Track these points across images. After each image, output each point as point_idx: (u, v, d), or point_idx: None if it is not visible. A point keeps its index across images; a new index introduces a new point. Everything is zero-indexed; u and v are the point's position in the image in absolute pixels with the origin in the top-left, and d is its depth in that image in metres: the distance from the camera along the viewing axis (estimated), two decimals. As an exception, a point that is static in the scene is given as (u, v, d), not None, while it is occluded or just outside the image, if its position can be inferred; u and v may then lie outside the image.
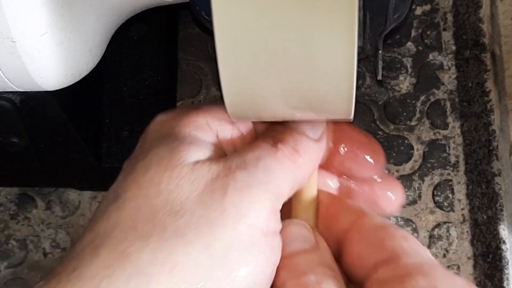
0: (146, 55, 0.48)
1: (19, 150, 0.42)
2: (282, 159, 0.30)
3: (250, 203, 0.28)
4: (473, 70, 0.50)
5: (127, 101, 0.47)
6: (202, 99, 0.52)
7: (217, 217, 0.27)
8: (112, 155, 0.46)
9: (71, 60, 0.34)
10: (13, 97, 0.37)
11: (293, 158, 0.30)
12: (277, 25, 0.26)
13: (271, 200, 0.29)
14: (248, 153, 0.30)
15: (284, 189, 0.30)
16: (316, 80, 0.28)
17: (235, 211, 0.27)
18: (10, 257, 0.49)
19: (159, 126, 0.32)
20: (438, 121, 0.51)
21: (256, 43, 0.27)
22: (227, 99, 0.29)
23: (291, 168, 0.30)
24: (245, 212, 0.27)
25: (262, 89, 0.29)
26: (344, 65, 0.27)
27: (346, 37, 0.26)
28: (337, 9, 0.26)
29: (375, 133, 0.51)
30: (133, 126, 0.47)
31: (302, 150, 0.30)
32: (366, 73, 0.52)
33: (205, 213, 0.27)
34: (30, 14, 0.30)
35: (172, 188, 0.28)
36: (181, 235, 0.26)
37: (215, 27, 0.27)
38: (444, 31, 0.53)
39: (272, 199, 0.29)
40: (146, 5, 0.37)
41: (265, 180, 0.29)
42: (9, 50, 0.31)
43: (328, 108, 0.30)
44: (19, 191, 0.51)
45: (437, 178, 0.50)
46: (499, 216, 0.47)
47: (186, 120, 0.31)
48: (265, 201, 0.28)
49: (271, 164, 0.29)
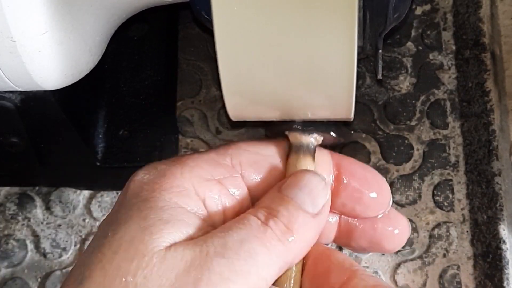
0: (146, 55, 0.48)
1: (19, 150, 0.42)
2: (271, 241, 0.27)
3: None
4: (473, 70, 0.50)
5: (127, 101, 0.47)
6: (202, 99, 0.52)
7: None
8: (112, 155, 0.46)
9: (71, 60, 0.34)
10: (13, 97, 0.37)
11: (284, 239, 0.27)
12: (277, 25, 0.26)
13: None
14: (232, 233, 0.27)
15: (268, 276, 0.27)
16: (316, 80, 0.28)
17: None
18: (10, 257, 0.49)
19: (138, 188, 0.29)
20: (438, 121, 0.51)
21: (256, 43, 0.27)
22: (227, 99, 0.29)
23: (280, 251, 0.27)
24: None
25: (262, 89, 0.29)
26: (344, 65, 0.27)
27: (346, 37, 0.26)
28: (337, 9, 0.26)
29: (375, 133, 0.51)
30: (133, 126, 0.47)
31: (296, 228, 0.28)
32: (366, 73, 0.52)
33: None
34: (30, 14, 0.30)
35: (139, 281, 0.25)
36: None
37: (215, 27, 0.27)
38: (444, 31, 0.53)
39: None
40: (146, 5, 0.37)
41: (246, 271, 0.26)
42: (9, 49, 0.31)
43: (328, 108, 0.30)
44: (19, 191, 0.51)
45: (437, 178, 0.50)
46: (499, 216, 0.47)
47: (168, 184, 0.28)
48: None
49: (256, 248, 0.26)
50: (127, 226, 0.27)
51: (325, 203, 0.29)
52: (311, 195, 0.29)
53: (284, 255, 0.27)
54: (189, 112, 0.52)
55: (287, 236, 0.27)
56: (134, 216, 0.27)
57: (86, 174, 0.48)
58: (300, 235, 0.28)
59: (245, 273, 0.26)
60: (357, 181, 0.31)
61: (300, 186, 0.29)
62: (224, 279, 0.25)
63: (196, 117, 0.51)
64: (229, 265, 0.26)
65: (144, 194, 0.28)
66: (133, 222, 0.27)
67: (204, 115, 0.51)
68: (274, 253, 0.27)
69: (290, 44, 0.27)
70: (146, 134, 0.46)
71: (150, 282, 0.25)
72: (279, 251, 0.27)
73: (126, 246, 0.26)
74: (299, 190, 0.29)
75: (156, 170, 0.29)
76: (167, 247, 0.26)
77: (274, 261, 0.27)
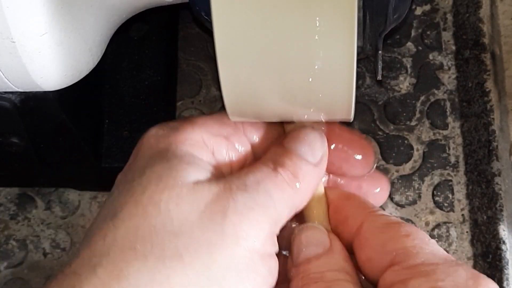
0: (146, 55, 0.48)
1: (19, 150, 0.42)
2: (282, 184, 0.30)
3: (249, 226, 0.28)
4: (473, 70, 0.50)
5: (127, 101, 0.47)
6: (202, 99, 0.52)
7: (216, 239, 0.27)
8: (112, 155, 0.46)
9: (71, 60, 0.34)
10: (13, 97, 0.37)
11: (292, 184, 0.30)
12: (277, 25, 0.26)
13: (269, 224, 0.29)
14: (249, 175, 0.30)
15: (282, 213, 0.30)
16: (315, 80, 0.28)
17: (234, 234, 0.27)
18: (10, 257, 0.49)
19: (153, 141, 0.31)
20: (438, 121, 0.51)
21: (256, 43, 0.27)
22: (226, 99, 0.29)
23: (290, 194, 0.30)
24: (244, 236, 0.27)
25: (261, 89, 0.29)
26: (344, 65, 0.27)
27: (346, 37, 0.26)
28: (337, 9, 0.26)
29: (375, 133, 0.51)
30: (133, 126, 0.47)
31: (301, 175, 0.30)
32: (366, 73, 0.52)
33: (204, 234, 0.27)
34: (30, 14, 0.30)
35: (171, 207, 0.27)
36: (180, 256, 0.26)
37: (214, 27, 0.27)
38: (444, 31, 0.53)
39: (271, 223, 0.29)
40: (146, 5, 0.37)
41: (265, 204, 0.29)
42: (9, 50, 0.31)
43: (328, 108, 0.30)
44: (19, 191, 0.51)
45: (437, 178, 0.50)
46: (499, 216, 0.47)
47: (182, 137, 0.31)
48: (264, 225, 0.28)
49: (271, 188, 0.29)
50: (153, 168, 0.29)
51: (323, 154, 0.32)
52: (310, 147, 0.31)
53: (293, 198, 0.30)
54: (189, 112, 0.52)
55: (294, 182, 0.30)
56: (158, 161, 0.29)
57: (86, 174, 0.48)
58: (305, 182, 0.30)
59: (264, 206, 0.29)
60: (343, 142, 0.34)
61: (301, 140, 0.32)
62: (248, 208, 0.28)
63: (196, 117, 0.51)
64: (250, 198, 0.28)
65: (161, 146, 0.30)
66: (157, 164, 0.29)
67: (204, 115, 0.51)
68: (286, 194, 0.30)
69: (289, 44, 0.27)
70: (146, 134, 0.46)
71: (182, 209, 0.27)
72: (289, 193, 0.30)
73: (156, 181, 0.28)
74: (300, 143, 0.31)
75: (168, 126, 0.32)
76: (194, 182, 0.28)
77: (286, 201, 0.30)
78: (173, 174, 0.28)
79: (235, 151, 0.32)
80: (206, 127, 0.32)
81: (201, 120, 0.32)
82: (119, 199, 0.29)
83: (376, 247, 0.30)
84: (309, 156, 0.31)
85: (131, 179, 0.29)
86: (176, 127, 0.31)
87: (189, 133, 0.31)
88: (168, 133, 0.31)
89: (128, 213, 0.27)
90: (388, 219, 0.31)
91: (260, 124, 0.33)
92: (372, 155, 0.35)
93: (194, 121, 0.32)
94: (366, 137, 0.35)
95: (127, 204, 0.28)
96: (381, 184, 0.35)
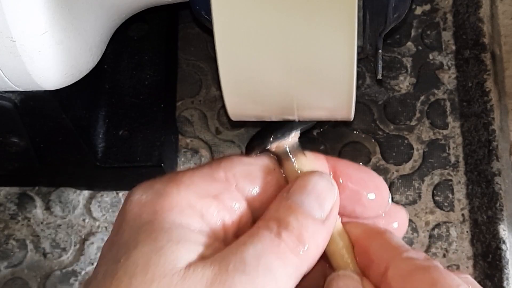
0: (146, 55, 0.48)
1: (19, 150, 0.42)
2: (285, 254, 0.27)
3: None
4: (473, 70, 0.50)
5: (127, 101, 0.47)
6: (202, 99, 0.52)
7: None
8: (112, 155, 0.46)
9: (71, 60, 0.34)
10: (13, 97, 0.37)
11: (297, 251, 0.28)
12: (277, 25, 0.26)
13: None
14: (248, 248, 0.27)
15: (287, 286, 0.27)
16: (316, 80, 0.28)
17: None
18: (10, 257, 0.49)
19: (137, 210, 0.29)
20: (438, 121, 0.51)
21: (256, 43, 0.27)
22: (227, 98, 0.29)
23: (295, 263, 0.28)
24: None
25: (261, 89, 0.29)
26: (344, 64, 0.27)
27: (346, 37, 0.26)
28: (337, 9, 0.26)
29: (375, 133, 0.51)
30: (133, 126, 0.47)
31: (308, 238, 0.28)
32: (366, 73, 0.52)
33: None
34: (30, 14, 0.30)
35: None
36: None
37: (215, 27, 0.27)
38: (444, 31, 0.53)
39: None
40: (146, 5, 0.37)
41: (265, 284, 0.26)
42: (9, 49, 0.31)
43: (328, 108, 0.30)
44: (19, 191, 0.51)
45: (437, 178, 0.50)
46: (499, 216, 0.47)
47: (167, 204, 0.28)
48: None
49: (273, 263, 0.27)
50: (139, 249, 0.27)
51: (333, 205, 0.29)
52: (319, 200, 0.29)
53: (299, 266, 0.28)
54: (189, 112, 0.52)
55: (300, 248, 0.28)
56: (143, 239, 0.27)
57: (86, 174, 0.48)
58: (312, 244, 0.28)
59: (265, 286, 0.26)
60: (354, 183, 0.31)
61: (308, 191, 0.29)
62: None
63: (196, 117, 0.51)
64: (249, 281, 0.26)
65: (146, 216, 0.28)
66: (144, 245, 0.27)
67: (204, 115, 0.51)
68: (290, 266, 0.27)
69: (290, 44, 0.27)
70: (146, 134, 0.46)
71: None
72: (294, 263, 0.27)
73: (143, 270, 0.26)
74: (306, 195, 0.29)
75: (152, 189, 0.29)
76: (185, 267, 0.26)
77: (291, 273, 0.27)
78: (161, 260, 0.26)
79: (227, 210, 0.30)
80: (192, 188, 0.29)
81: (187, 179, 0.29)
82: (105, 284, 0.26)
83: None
84: (316, 211, 0.29)
85: (116, 258, 0.27)
86: (160, 192, 0.29)
87: (174, 198, 0.28)
88: (152, 200, 0.29)
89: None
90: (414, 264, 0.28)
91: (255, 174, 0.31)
92: (386, 191, 0.32)
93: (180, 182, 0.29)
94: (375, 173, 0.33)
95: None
96: (399, 218, 0.33)
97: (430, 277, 0.27)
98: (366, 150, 0.50)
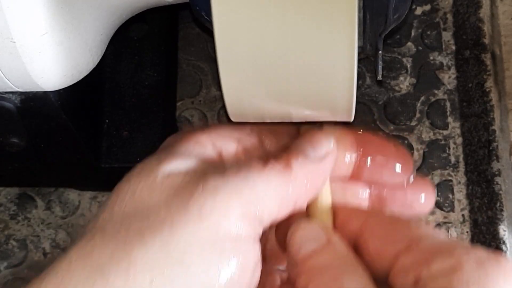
0: (146, 55, 0.48)
1: (19, 150, 0.42)
2: (269, 173, 0.29)
3: (214, 204, 0.28)
4: (473, 70, 0.50)
5: (127, 101, 0.47)
6: (202, 99, 0.52)
7: (179, 217, 0.27)
8: (112, 155, 0.46)
9: (71, 60, 0.34)
10: (13, 97, 0.37)
11: (283, 172, 0.29)
12: (277, 25, 0.26)
13: (241, 205, 0.28)
14: (232, 167, 0.29)
15: (265, 199, 0.29)
16: (316, 81, 0.28)
17: (198, 211, 0.27)
18: (10, 257, 0.49)
19: (166, 142, 0.33)
20: (438, 121, 0.51)
21: (256, 43, 0.27)
22: (227, 99, 0.29)
23: (279, 182, 0.29)
24: (207, 213, 0.27)
25: (262, 90, 0.29)
26: (345, 65, 0.27)
27: (346, 37, 0.26)
28: (337, 9, 0.26)
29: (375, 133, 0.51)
30: (133, 126, 0.46)
31: (295, 168, 0.30)
32: (366, 73, 0.52)
33: (168, 214, 0.28)
34: (30, 14, 0.30)
35: (144, 196, 0.29)
36: (141, 235, 0.27)
37: (215, 27, 0.27)
38: (444, 31, 0.53)
39: (245, 205, 0.28)
40: (146, 5, 0.37)
41: (240, 186, 0.28)
42: (9, 50, 0.31)
43: (328, 108, 0.30)
44: (19, 191, 0.51)
45: (437, 178, 0.50)
46: (499, 216, 0.47)
47: (189, 137, 0.31)
48: (234, 205, 0.28)
49: (252, 175, 0.29)
50: (143, 163, 0.30)
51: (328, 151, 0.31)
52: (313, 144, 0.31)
53: (282, 188, 0.29)
54: (189, 112, 0.52)
55: (285, 172, 0.29)
56: (152, 155, 0.31)
57: (86, 174, 0.48)
58: (301, 175, 0.30)
59: (238, 188, 0.28)
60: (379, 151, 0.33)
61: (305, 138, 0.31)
62: (218, 188, 0.28)
63: (196, 117, 0.51)
64: (223, 180, 0.28)
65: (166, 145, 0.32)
66: (147, 160, 0.31)
67: (204, 115, 0.51)
68: (272, 183, 0.29)
69: (290, 44, 0.27)
70: (146, 134, 0.46)
71: (153, 196, 0.28)
72: (276, 182, 0.29)
73: (138, 171, 0.30)
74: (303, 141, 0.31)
75: (186, 130, 0.33)
76: (172, 170, 0.29)
77: (272, 190, 0.29)
78: (153, 165, 0.30)
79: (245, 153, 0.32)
80: (217, 130, 0.32)
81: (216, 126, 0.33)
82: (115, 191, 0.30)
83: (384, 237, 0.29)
84: (310, 151, 0.30)
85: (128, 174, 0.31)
86: (189, 131, 0.32)
87: (197, 135, 0.32)
88: (181, 135, 0.32)
89: (110, 203, 0.29)
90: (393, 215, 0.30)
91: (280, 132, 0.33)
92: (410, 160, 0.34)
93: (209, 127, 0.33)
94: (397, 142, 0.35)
95: (112, 195, 0.30)
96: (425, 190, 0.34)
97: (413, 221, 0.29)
98: (366, 150, 0.50)
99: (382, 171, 0.33)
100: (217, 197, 0.28)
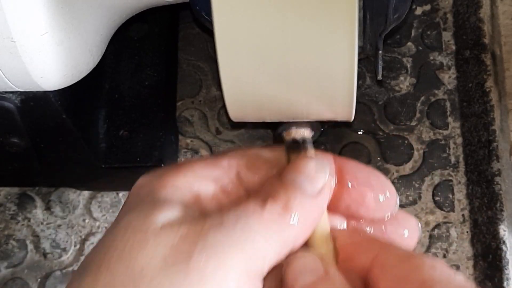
0: (146, 55, 0.48)
1: (19, 150, 0.42)
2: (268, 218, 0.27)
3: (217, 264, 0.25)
4: (473, 70, 0.50)
5: (127, 101, 0.47)
6: (202, 99, 0.52)
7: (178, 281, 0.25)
8: (112, 155, 0.46)
9: (71, 60, 0.34)
10: (13, 97, 0.37)
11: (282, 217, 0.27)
12: (277, 25, 0.26)
13: (245, 262, 0.26)
14: (229, 211, 0.27)
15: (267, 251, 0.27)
16: (316, 81, 0.28)
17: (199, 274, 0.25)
18: (10, 257, 0.49)
19: (138, 189, 0.30)
20: (438, 121, 0.51)
21: (256, 43, 0.27)
22: (227, 99, 0.29)
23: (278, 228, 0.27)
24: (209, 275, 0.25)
25: (262, 90, 0.29)
26: (345, 65, 0.27)
27: (346, 37, 0.26)
28: (337, 9, 0.26)
29: (375, 133, 0.51)
30: (133, 126, 0.47)
31: (295, 208, 0.28)
32: (366, 73, 0.52)
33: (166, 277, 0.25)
34: (30, 14, 0.30)
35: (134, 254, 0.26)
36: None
37: (215, 27, 0.27)
38: (444, 31, 0.53)
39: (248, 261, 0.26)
40: (146, 5, 0.37)
41: (241, 240, 0.26)
42: (9, 50, 0.31)
43: (328, 108, 0.30)
44: (19, 191, 0.51)
45: (437, 178, 0.50)
46: (499, 216, 0.47)
47: (164, 182, 0.29)
48: (237, 263, 0.26)
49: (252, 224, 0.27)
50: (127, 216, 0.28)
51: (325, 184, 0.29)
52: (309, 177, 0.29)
53: (283, 233, 0.27)
54: (189, 112, 0.52)
55: (285, 215, 0.27)
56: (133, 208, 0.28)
57: (86, 174, 0.48)
58: (299, 215, 0.28)
59: (240, 242, 0.26)
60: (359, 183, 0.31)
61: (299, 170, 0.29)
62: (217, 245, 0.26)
63: (196, 117, 0.51)
64: (224, 236, 0.26)
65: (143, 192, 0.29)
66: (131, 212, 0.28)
67: (204, 115, 0.51)
68: (272, 230, 0.27)
69: (290, 45, 0.27)
70: (146, 134, 0.46)
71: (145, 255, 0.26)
72: (277, 228, 0.27)
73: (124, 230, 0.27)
74: (298, 174, 0.29)
75: (155, 173, 0.30)
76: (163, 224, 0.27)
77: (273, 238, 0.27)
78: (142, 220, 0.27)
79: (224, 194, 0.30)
80: (192, 170, 0.30)
81: (189, 163, 0.30)
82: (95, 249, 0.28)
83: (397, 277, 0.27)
84: (307, 186, 0.28)
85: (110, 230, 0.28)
86: (161, 174, 0.30)
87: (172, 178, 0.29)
88: (153, 179, 0.30)
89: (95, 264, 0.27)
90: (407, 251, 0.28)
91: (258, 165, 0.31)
92: (393, 192, 0.31)
93: (181, 165, 0.30)
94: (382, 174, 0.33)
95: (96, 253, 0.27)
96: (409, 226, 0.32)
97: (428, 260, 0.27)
98: (366, 150, 0.50)
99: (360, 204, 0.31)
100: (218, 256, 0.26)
